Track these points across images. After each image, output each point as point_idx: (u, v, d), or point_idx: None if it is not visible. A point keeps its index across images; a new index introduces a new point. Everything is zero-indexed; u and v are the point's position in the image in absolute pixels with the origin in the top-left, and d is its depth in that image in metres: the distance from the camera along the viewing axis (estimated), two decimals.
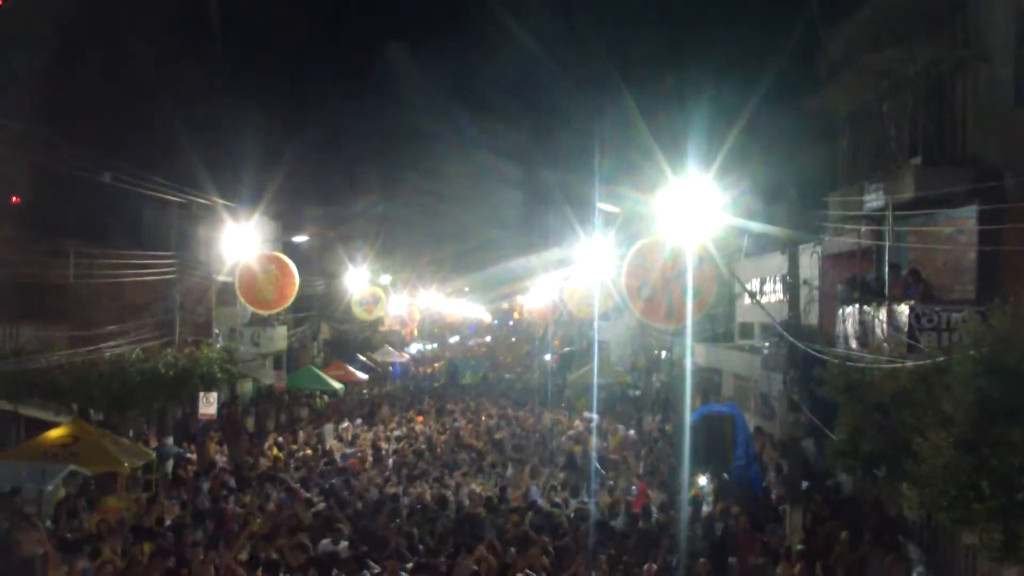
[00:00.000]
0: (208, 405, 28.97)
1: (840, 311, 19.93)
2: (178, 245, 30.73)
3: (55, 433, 22.18)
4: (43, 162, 24.31)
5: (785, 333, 20.04)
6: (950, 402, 11.10)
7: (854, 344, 18.39)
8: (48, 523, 17.94)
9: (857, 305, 18.87)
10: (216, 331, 33.69)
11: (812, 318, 24.09)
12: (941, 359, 12.61)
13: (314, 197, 52.34)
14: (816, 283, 24.52)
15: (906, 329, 15.61)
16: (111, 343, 25.10)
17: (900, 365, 14.22)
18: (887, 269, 19.02)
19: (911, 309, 15.73)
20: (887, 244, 18.81)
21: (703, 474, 23.26)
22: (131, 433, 26.85)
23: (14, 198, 31.67)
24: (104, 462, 21.74)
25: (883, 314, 17.12)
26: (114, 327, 26.72)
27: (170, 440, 28.46)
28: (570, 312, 49.37)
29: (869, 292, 19.49)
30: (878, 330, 17.25)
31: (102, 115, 31.95)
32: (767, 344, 25.86)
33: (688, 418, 24.32)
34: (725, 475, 22.48)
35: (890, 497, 17.78)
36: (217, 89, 40.01)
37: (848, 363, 16.44)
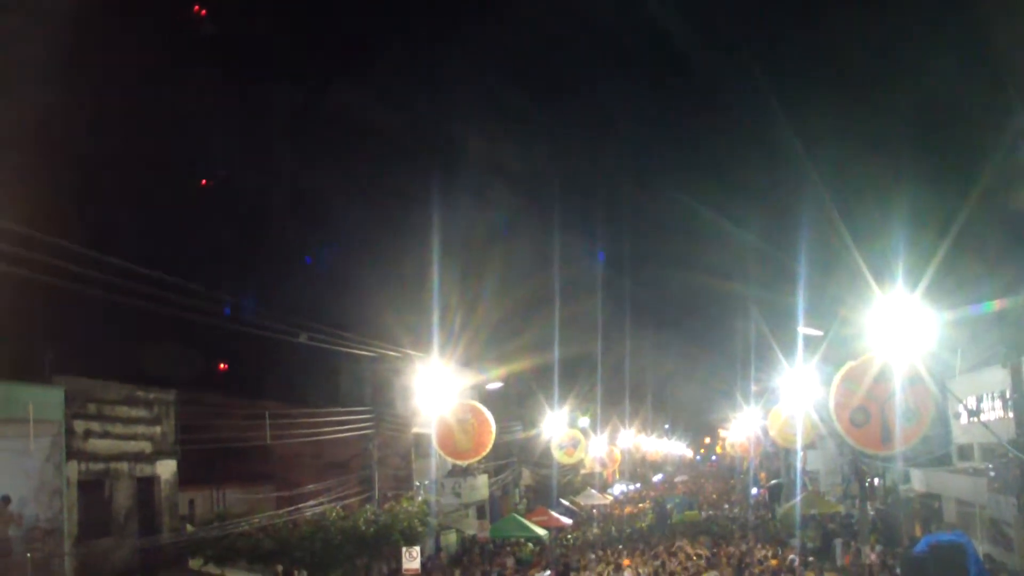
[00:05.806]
0: (411, 560, 28.56)
1: None
2: (374, 399, 30.91)
3: None
4: (244, 329, 24.81)
5: (1016, 452, 18.56)
6: None
7: None
8: None
9: None
10: (416, 483, 33.60)
11: None
12: None
13: (509, 342, 52.32)
14: None
15: None
16: (311, 503, 25.16)
17: None
18: None
19: None
20: None
21: None
22: None
23: (221, 365, 32.70)
24: None
25: None
26: (315, 486, 26.86)
27: None
28: (775, 443, 47.95)
29: None
30: None
31: (295, 277, 32.84)
32: (991, 465, 24.19)
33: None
34: None
35: None
36: (407, 244, 40.75)
37: None
